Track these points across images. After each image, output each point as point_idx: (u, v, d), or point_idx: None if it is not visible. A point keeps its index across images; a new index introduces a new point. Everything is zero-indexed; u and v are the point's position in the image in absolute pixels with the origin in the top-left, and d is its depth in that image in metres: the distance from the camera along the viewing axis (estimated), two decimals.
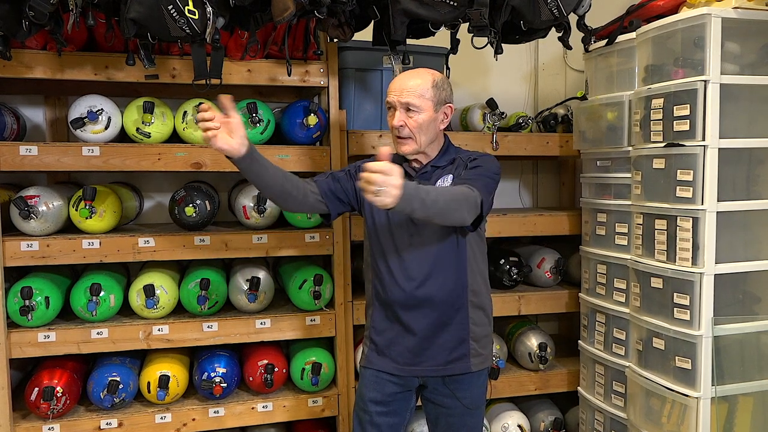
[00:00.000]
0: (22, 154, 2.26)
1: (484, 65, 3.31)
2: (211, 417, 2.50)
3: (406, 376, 2.04)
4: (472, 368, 2.03)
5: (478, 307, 2.05)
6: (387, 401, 2.06)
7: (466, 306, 2.01)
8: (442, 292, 1.98)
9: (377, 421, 2.06)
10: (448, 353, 2.01)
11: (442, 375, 2.02)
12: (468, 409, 2.05)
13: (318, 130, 2.56)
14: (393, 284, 2.00)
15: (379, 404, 2.06)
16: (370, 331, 2.10)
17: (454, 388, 2.03)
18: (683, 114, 2.18)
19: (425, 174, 2.03)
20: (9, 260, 2.27)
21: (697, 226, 2.17)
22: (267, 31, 2.38)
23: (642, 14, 2.47)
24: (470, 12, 2.08)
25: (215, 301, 2.50)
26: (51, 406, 2.29)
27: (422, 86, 1.94)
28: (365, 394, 2.08)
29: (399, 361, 2.03)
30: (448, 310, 2.00)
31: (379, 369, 2.06)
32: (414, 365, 2.02)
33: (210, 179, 2.90)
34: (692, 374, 2.20)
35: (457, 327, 2.01)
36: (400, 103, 1.95)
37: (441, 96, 1.97)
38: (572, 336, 3.13)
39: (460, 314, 2.01)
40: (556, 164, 3.47)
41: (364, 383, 2.09)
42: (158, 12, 1.87)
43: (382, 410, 2.06)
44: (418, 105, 1.93)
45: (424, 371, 2.03)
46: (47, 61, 2.27)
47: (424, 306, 1.99)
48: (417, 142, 1.98)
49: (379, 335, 2.07)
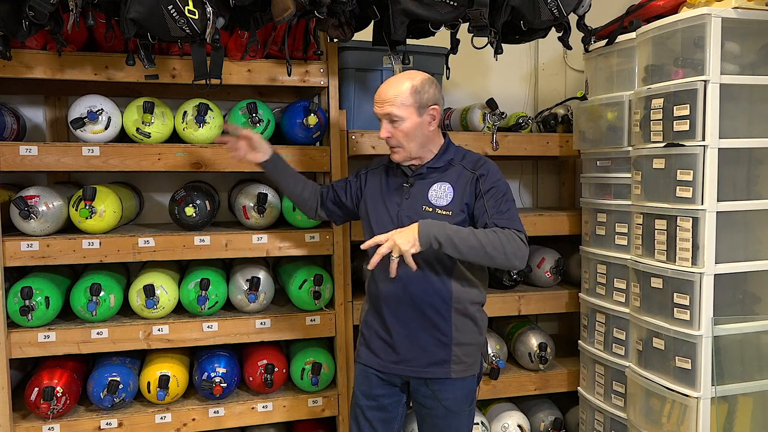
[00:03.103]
0: (22, 154, 2.26)
1: (484, 65, 3.31)
2: (211, 417, 2.51)
3: (387, 372, 2.07)
4: (452, 374, 2.00)
5: (464, 315, 2.01)
6: (374, 395, 2.10)
7: (449, 311, 1.99)
8: (425, 294, 1.98)
9: (368, 415, 2.10)
10: (428, 356, 2.00)
11: (422, 377, 2.02)
12: (450, 411, 2.03)
13: (318, 130, 2.56)
14: (381, 280, 2.02)
15: (368, 398, 2.11)
16: (362, 324, 2.16)
17: (436, 389, 2.02)
18: (683, 114, 2.18)
19: (420, 175, 2.04)
20: (9, 260, 2.27)
21: (697, 226, 2.17)
22: (267, 31, 2.38)
23: (642, 14, 2.47)
24: (470, 12, 2.08)
25: (215, 301, 2.50)
26: (51, 406, 2.29)
27: (401, 95, 1.93)
28: (356, 388, 2.15)
29: (381, 357, 2.07)
30: (430, 312, 1.99)
31: (365, 363, 2.12)
32: (395, 363, 2.05)
33: (210, 179, 2.90)
34: (692, 374, 2.20)
35: (439, 331, 1.99)
36: (383, 115, 1.97)
37: (423, 99, 1.95)
38: (572, 336, 3.13)
39: (443, 318, 1.99)
40: (556, 164, 3.47)
41: (356, 376, 2.17)
42: (158, 12, 1.87)
43: (372, 404, 2.10)
44: (399, 115, 1.94)
45: (403, 370, 2.04)
46: (47, 61, 2.27)
47: (406, 304, 2.00)
48: (406, 149, 1.99)
49: (367, 329, 2.12)
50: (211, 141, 2.47)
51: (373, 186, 2.13)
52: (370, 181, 2.16)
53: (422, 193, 2.01)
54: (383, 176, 2.13)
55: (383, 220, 2.03)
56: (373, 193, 2.12)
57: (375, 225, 2.05)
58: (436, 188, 2.01)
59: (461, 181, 2.00)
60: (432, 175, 2.03)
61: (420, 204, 2.00)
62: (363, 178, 2.19)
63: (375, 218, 2.06)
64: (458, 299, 2.00)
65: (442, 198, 1.99)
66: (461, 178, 2.00)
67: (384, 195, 2.08)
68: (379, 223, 2.04)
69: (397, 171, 2.10)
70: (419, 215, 1.95)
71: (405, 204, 2.02)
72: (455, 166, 2.03)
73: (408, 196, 2.02)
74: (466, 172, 2.02)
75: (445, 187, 2.00)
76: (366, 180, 2.17)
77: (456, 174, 2.02)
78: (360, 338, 2.16)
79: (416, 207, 2.00)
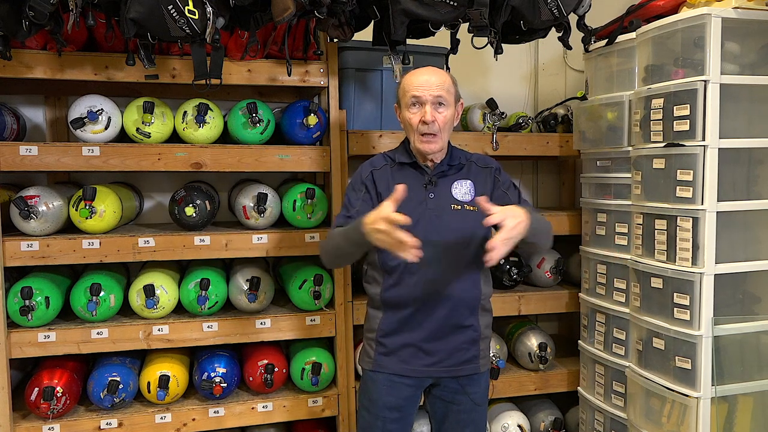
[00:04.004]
0: (22, 154, 2.26)
1: (484, 65, 3.31)
2: (211, 417, 2.51)
3: (420, 377, 2.01)
4: (480, 369, 2.04)
5: (485, 309, 2.05)
6: (401, 405, 2.02)
7: (477, 307, 2.01)
8: (461, 292, 1.97)
9: (389, 427, 2.01)
10: (461, 354, 2.00)
11: (454, 375, 2.01)
12: (476, 405, 2.05)
13: (318, 130, 2.56)
14: (409, 284, 1.95)
15: (393, 410, 2.01)
16: (377, 333, 2.03)
17: (465, 383, 2.03)
18: (683, 114, 2.18)
19: (441, 173, 2.00)
20: (9, 260, 2.27)
21: (697, 226, 2.17)
22: (267, 31, 2.38)
23: (642, 14, 2.47)
24: (470, 12, 2.08)
25: (215, 301, 2.50)
26: (51, 406, 2.29)
27: (447, 82, 1.93)
28: (378, 400, 2.01)
29: (412, 362, 1.99)
30: (463, 310, 1.98)
31: (392, 372, 2.00)
32: (429, 366, 1.99)
33: (210, 179, 2.90)
34: (692, 374, 2.20)
35: (470, 328, 2.00)
36: (432, 98, 1.89)
37: (457, 92, 1.98)
38: (572, 336, 3.13)
39: (472, 315, 2.00)
40: (556, 164, 3.47)
41: (377, 389, 2.01)
42: (158, 12, 1.87)
43: (396, 416, 2.01)
44: (447, 100, 1.91)
45: (437, 372, 2.00)
46: (47, 61, 2.27)
47: (439, 305, 1.96)
48: (442, 140, 1.95)
49: (389, 337, 2.00)
50: (211, 141, 2.47)
51: (386, 185, 1.99)
52: (381, 181, 2.01)
53: (446, 190, 1.99)
54: (393, 176, 2.01)
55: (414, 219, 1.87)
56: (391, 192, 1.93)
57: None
58: (458, 185, 1.99)
59: (480, 177, 2.01)
60: (451, 172, 2.01)
61: (447, 202, 1.97)
62: (370, 181, 2.03)
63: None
64: (484, 295, 2.03)
65: (466, 194, 1.99)
66: (479, 175, 2.02)
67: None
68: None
69: (407, 171, 2.01)
70: (447, 213, 1.95)
71: (431, 203, 1.96)
72: (467, 164, 2.04)
73: (433, 195, 1.97)
74: (479, 168, 2.03)
75: (467, 184, 2.00)
76: (375, 181, 2.02)
77: (471, 171, 2.02)
78: (376, 347, 2.03)
79: (443, 205, 1.96)
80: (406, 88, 1.94)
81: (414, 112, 1.92)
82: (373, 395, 2.03)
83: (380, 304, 2.03)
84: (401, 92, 1.97)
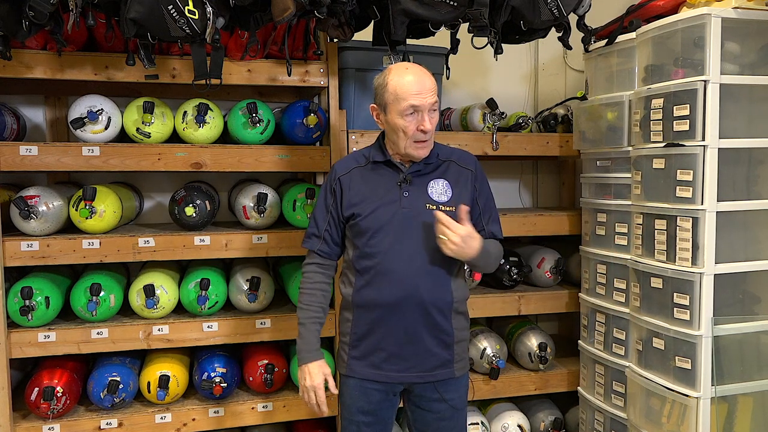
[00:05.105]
0: (22, 154, 2.26)
1: (484, 65, 3.32)
2: (211, 417, 2.51)
3: (390, 383, 1.97)
4: (456, 373, 1.99)
5: (459, 312, 2.00)
6: (374, 410, 1.99)
7: (450, 311, 1.97)
8: (433, 296, 1.92)
9: (364, 431, 2.00)
10: (434, 359, 1.96)
11: (428, 381, 1.97)
12: (457, 410, 2.02)
13: (318, 130, 2.56)
14: (384, 286, 1.91)
15: (367, 414, 1.99)
16: (350, 337, 1.99)
17: (442, 390, 1.99)
18: (683, 114, 2.18)
19: (417, 172, 1.95)
20: (9, 260, 2.27)
21: (697, 226, 2.17)
22: (267, 31, 2.38)
23: (642, 14, 2.47)
24: (470, 12, 2.09)
25: (215, 301, 2.50)
26: (51, 406, 2.29)
27: (435, 84, 1.89)
28: (351, 405, 2.00)
29: (384, 367, 1.95)
30: (435, 315, 1.94)
31: (363, 377, 1.97)
32: (400, 371, 1.95)
33: (210, 179, 2.91)
34: (692, 374, 2.20)
35: (443, 332, 1.96)
36: (429, 105, 1.85)
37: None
38: (572, 336, 3.13)
39: (445, 319, 1.96)
40: (556, 164, 3.47)
41: (349, 393, 2.00)
42: (158, 12, 1.87)
43: (370, 420, 1.99)
44: (437, 104, 1.89)
45: (409, 378, 1.96)
46: (47, 61, 2.27)
47: (412, 309, 1.91)
48: (432, 143, 1.94)
49: (361, 341, 1.97)
50: (211, 141, 2.47)
51: (357, 188, 1.96)
52: (349, 186, 1.97)
53: (421, 190, 1.94)
54: (363, 176, 1.97)
55: (381, 220, 1.92)
56: (363, 194, 1.95)
57: (373, 224, 1.92)
58: (434, 185, 1.95)
59: (459, 178, 1.97)
60: (428, 171, 1.96)
61: (422, 201, 1.92)
62: (338, 187, 1.98)
63: (373, 218, 1.92)
64: (457, 298, 1.98)
65: (443, 194, 1.95)
66: (458, 175, 1.98)
67: (376, 194, 1.94)
68: (377, 223, 1.92)
69: (382, 170, 1.97)
70: (421, 212, 1.91)
71: (405, 201, 1.92)
72: (446, 162, 1.99)
73: (408, 193, 1.93)
74: (459, 168, 1.99)
75: (443, 184, 1.96)
76: (342, 187, 1.97)
77: (449, 170, 1.98)
78: (349, 351, 1.99)
79: (417, 204, 1.92)
80: (400, 94, 1.84)
81: (410, 120, 1.85)
82: (347, 400, 2.01)
83: (352, 306, 1.98)
84: (391, 97, 1.85)
